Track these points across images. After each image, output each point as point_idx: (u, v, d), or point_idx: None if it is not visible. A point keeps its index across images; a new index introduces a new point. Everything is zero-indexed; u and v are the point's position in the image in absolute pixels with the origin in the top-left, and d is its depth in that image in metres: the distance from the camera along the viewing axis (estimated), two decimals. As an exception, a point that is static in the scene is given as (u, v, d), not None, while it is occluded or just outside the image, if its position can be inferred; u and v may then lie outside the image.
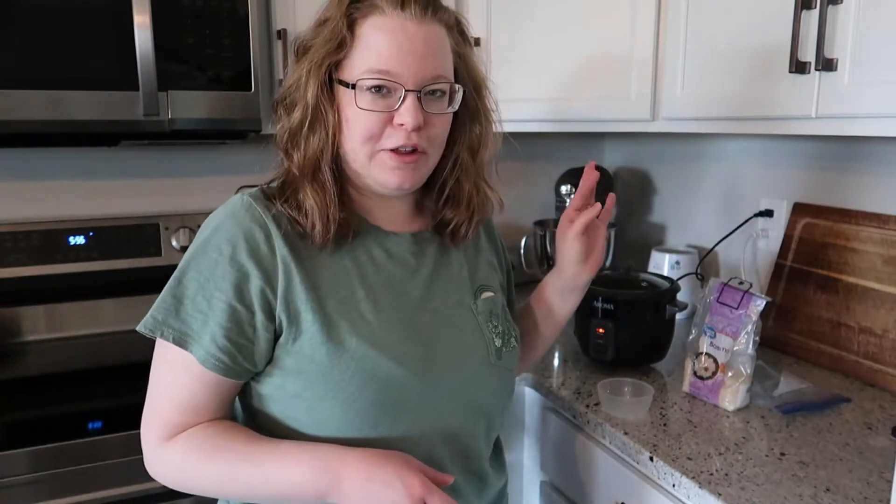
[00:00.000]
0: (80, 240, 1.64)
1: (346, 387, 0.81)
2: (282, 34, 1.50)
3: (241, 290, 0.80)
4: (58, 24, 1.29)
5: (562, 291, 1.05)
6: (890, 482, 0.97)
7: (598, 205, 0.96)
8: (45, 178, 1.67)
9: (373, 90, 0.80)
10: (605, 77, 1.56)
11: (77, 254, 1.64)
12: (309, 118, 0.82)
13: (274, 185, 0.88)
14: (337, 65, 0.82)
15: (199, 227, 1.65)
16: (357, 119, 0.82)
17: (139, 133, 1.42)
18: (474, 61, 0.91)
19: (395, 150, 0.82)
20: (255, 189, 0.87)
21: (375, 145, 0.83)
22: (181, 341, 0.80)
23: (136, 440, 1.22)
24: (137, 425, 1.23)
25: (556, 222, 1.95)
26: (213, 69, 1.41)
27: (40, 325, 1.63)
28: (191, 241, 1.69)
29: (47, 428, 1.26)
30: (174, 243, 1.71)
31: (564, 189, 1.93)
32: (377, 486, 0.76)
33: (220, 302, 0.79)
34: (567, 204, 1.90)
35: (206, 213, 1.69)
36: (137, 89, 1.34)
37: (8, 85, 1.28)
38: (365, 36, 0.81)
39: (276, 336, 0.83)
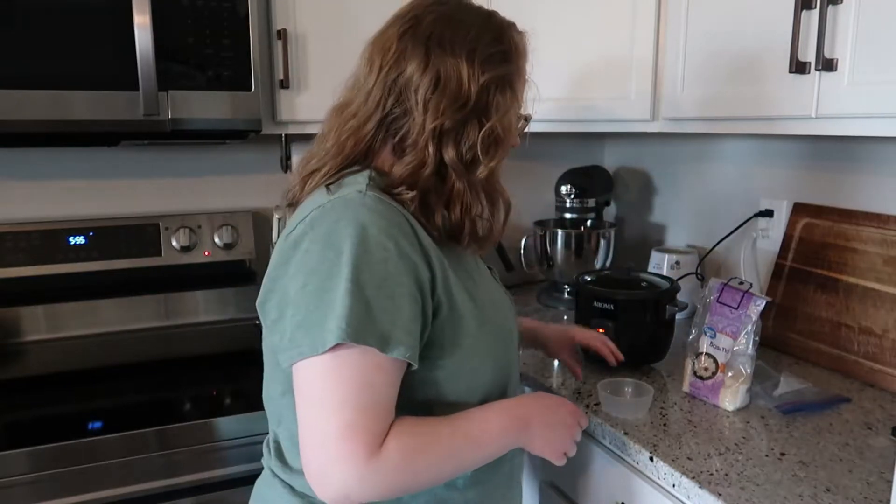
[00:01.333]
0: (80, 240, 1.64)
1: (493, 349, 0.93)
2: (282, 34, 1.50)
3: (416, 281, 0.82)
4: (58, 25, 1.29)
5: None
6: (890, 482, 0.97)
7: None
8: (45, 178, 1.67)
9: None
10: (605, 77, 1.56)
11: (77, 254, 1.64)
12: (508, 142, 0.93)
13: (373, 184, 0.87)
14: None
15: (199, 227, 1.71)
16: (510, 141, 0.94)
17: (139, 133, 1.42)
18: None
19: None
20: (364, 186, 0.85)
21: None
22: (383, 344, 0.78)
23: (136, 440, 1.24)
24: (137, 425, 1.26)
25: (556, 222, 1.96)
26: (213, 69, 1.41)
27: (40, 325, 1.63)
28: (191, 241, 1.73)
29: (47, 428, 1.26)
30: (174, 243, 1.71)
31: (564, 189, 1.93)
32: (552, 415, 0.96)
33: (404, 297, 0.81)
34: (567, 204, 1.93)
35: (206, 213, 1.74)
36: (137, 89, 1.34)
37: (8, 85, 1.28)
38: (524, 79, 0.95)
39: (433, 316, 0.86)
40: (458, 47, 0.87)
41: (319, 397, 0.78)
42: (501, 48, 0.90)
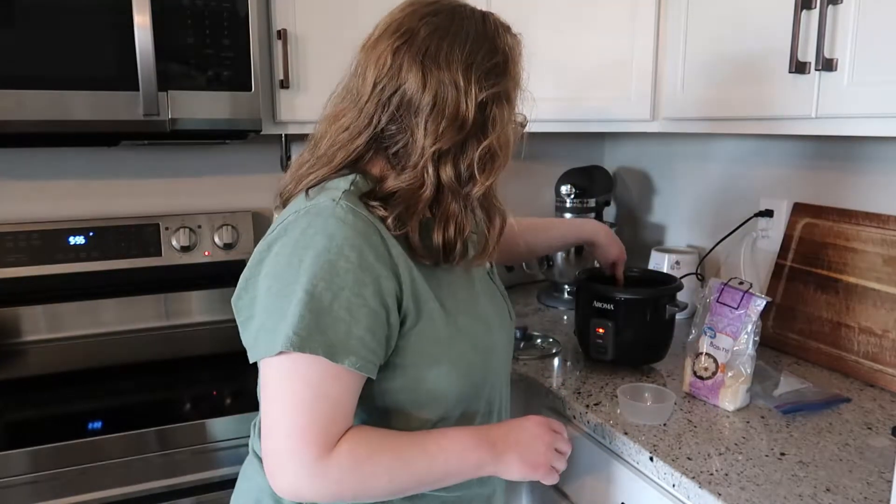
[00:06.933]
0: (80, 240, 1.64)
1: (461, 360, 0.90)
2: (282, 34, 1.50)
3: (377, 293, 0.82)
4: (58, 25, 1.29)
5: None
6: (890, 482, 0.97)
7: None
8: (45, 178, 1.67)
9: None
10: (605, 77, 1.56)
11: (77, 254, 1.64)
12: (506, 156, 0.91)
13: (354, 190, 0.87)
14: None
15: (199, 227, 1.72)
16: (507, 155, 0.91)
17: (139, 133, 1.42)
18: None
19: None
20: (340, 194, 0.85)
21: None
22: (331, 353, 0.79)
23: (136, 440, 1.24)
24: (137, 425, 1.25)
25: (556, 222, 1.95)
26: (213, 69, 1.41)
27: (40, 325, 1.63)
28: (191, 241, 1.73)
29: (47, 428, 1.26)
30: (174, 243, 1.71)
31: (564, 189, 1.93)
32: (521, 432, 0.93)
33: (362, 307, 0.81)
34: (567, 204, 1.93)
35: (206, 213, 1.74)
36: (137, 89, 1.34)
37: (8, 85, 1.28)
38: (519, 87, 0.94)
39: (400, 326, 0.87)
40: (454, 64, 0.85)
41: (279, 396, 0.82)
42: (497, 60, 0.88)
